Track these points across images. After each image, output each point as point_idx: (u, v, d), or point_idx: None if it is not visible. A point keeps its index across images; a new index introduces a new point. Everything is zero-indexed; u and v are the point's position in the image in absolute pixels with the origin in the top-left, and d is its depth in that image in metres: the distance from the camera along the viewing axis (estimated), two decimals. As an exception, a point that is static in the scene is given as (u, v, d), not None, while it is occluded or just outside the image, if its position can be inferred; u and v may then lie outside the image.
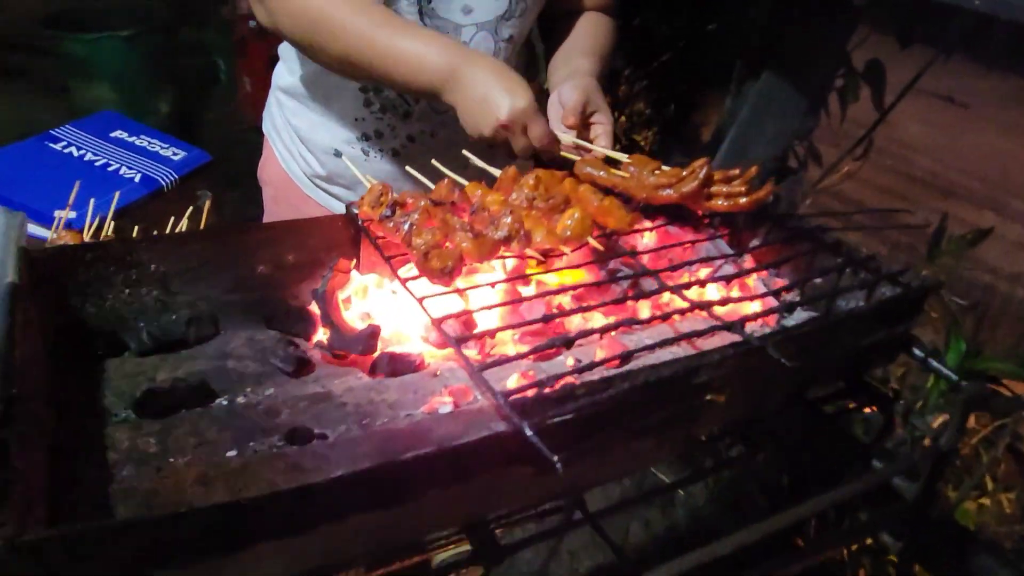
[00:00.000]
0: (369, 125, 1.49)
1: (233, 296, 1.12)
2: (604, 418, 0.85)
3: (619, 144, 1.41)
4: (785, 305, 1.09)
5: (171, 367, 1.03)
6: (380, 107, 1.46)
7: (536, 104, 1.21)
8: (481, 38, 1.41)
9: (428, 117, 1.48)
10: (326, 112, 1.51)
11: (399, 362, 1.08)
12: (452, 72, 1.20)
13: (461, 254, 1.04)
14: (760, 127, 2.70)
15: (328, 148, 1.55)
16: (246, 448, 0.92)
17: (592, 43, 1.51)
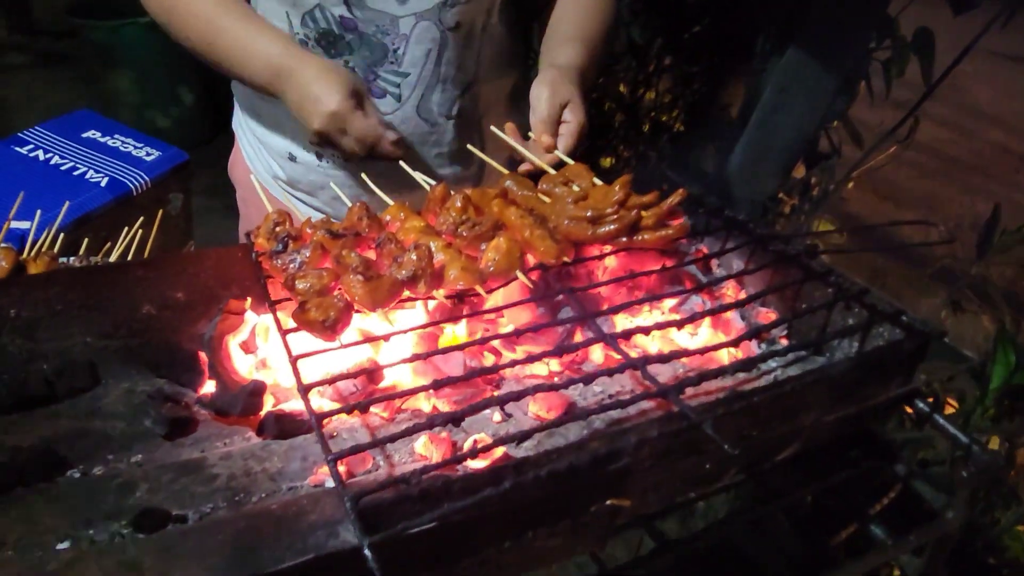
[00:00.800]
0: None
1: (112, 342, 0.99)
2: (477, 526, 0.69)
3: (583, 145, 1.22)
4: (759, 356, 0.90)
5: (26, 429, 0.91)
6: None
7: (351, 103, 1.14)
8: (423, 29, 1.24)
9: None
10: (277, 115, 1.37)
11: (288, 422, 0.93)
12: (277, 72, 1.16)
13: (348, 303, 0.88)
14: (786, 107, 2.43)
15: (283, 151, 1.42)
16: (83, 537, 0.79)
17: (575, 27, 1.33)
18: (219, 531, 0.81)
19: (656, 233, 0.98)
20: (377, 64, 1.27)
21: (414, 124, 1.32)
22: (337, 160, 1.38)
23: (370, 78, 1.28)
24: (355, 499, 0.67)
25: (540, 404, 0.98)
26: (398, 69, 1.27)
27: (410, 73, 1.27)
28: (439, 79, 1.30)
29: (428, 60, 1.26)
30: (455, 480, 0.70)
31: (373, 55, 1.25)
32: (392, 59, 1.26)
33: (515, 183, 1.09)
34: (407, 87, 1.29)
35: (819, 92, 2.38)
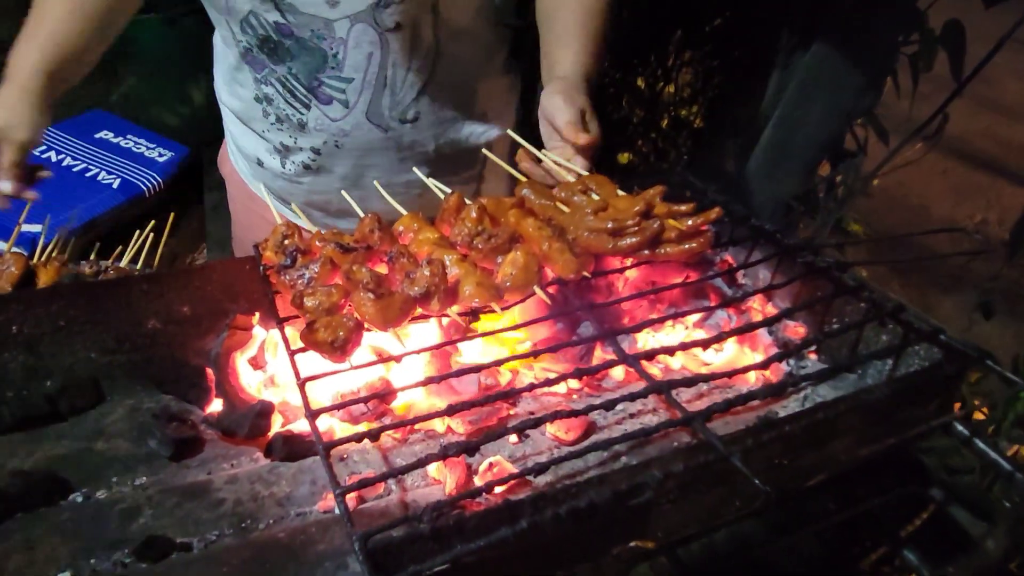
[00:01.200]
0: (274, 136, 1.31)
1: (117, 357, 0.97)
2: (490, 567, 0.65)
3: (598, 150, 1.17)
4: (788, 381, 0.85)
5: (28, 450, 0.88)
6: (275, 118, 1.28)
7: None
8: (360, 31, 1.17)
9: (325, 127, 1.27)
10: (244, 120, 1.34)
11: (297, 444, 0.90)
12: None
13: (358, 322, 0.85)
14: (809, 105, 2.36)
15: (252, 156, 1.40)
16: (84, 567, 0.76)
17: (575, 25, 1.24)
18: (224, 562, 0.78)
19: (679, 246, 0.94)
20: (319, 70, 1.21)
21: (366, 130, 1.27)
22: (299, 167, 1.34)
23: (314, 84, 1.23)
24: (364, 539, 0.63)
25: (559, 426, 0.94)
26: (340, 74, 1.21)
27: (354, 78, 1.21)
28: (386, 83, 1.23)
29: (371, 64, 1.19)
30: (468, 518, 0.66)
31: (314, 60, 1.20)
32: (333, 64, 1.20)
33: (533, 192, 1.05)
34: (352, 92, 1.22)
35: (844, 88, 2.31)
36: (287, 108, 1.26)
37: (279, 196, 1.40)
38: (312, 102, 1.24)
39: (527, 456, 0.93)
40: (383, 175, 1.29)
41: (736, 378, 1.03)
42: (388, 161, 1.30)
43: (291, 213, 1.42)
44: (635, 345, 1.06)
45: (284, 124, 1.28)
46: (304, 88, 1.23)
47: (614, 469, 0.78)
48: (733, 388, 1.04)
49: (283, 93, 1.25)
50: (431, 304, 0.89)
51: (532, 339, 1.02)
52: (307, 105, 1.24)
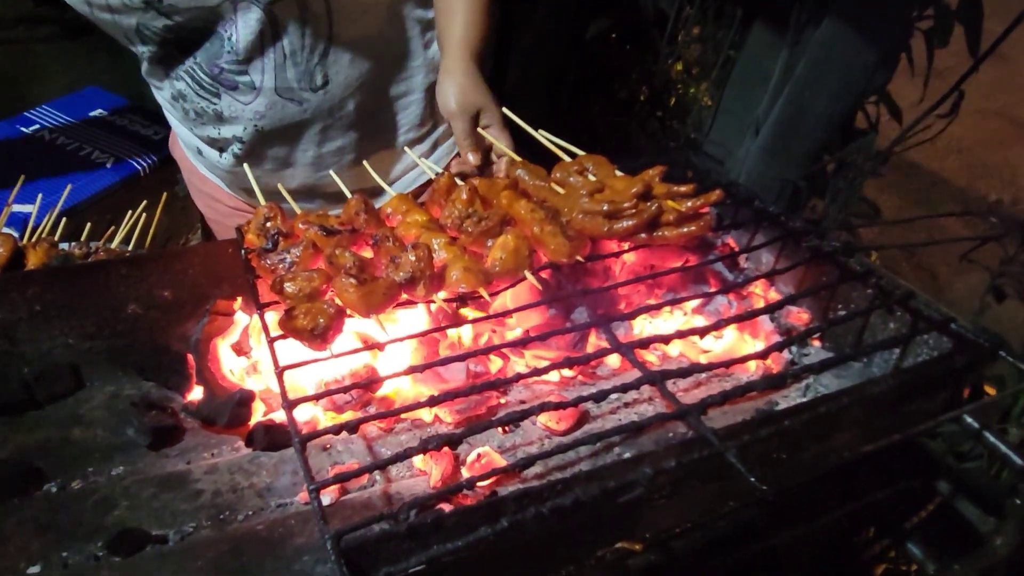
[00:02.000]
0: (201, 131, 1.28)
1: (96, 343, 0.94)
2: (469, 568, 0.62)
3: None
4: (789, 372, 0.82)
5: (1, 439, 0.86)
6: (194, 113, 1.24)
7: None
8: (244, 9, 1.11)
9: (239, 112, 1.22)
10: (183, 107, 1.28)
11: (278, 434, 0.87)
12: None
13: (340, 309, 0.81)
14: (820, 83, 2.29)
15: (192, 145, 1.36)
16: (55, 560, 0.74)
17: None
18: (200, 555, 0.76)
19: (678, 230, 0.90)
20: (218, 56, 1.16)
21: (281, 107, 1.21)
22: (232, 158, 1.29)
23: (215, 71, 1.18)
24: (337, 538, 0.60)
25: (550, 415, 0.91)
26: (238, 57, 1.16)
27: (253, 58, 1.16)
28: (285, 56, 1.18)
29: (264, 40, 1.14)
30: (448, 516, 0.63)
31: (212, 47, 1.15)
32: (229, 48, 1.15)
33: (527, 172, 1.01)
34: (255, 72, 1.17)
35: (856, 66, 2.23)
36: (200, 101, 1.22)
37: (224, 181, 1.38)
38: (220, 90, 1.20)
39: (517, 446, 0.90)
40: (311, 148, 1.25)
41: (736, 367, 0.99)
42: (312, 134, 1.25)
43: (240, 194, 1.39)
44: (631, 332, 1.03)
45: (204, 117, 1.24)
46: (209, 77, 1.19)
47: (605, 463, 0.75)
48: (732, 377, 1.01)
49: (193, 86, 1.22)
50: (417, 290, 0.85)
51: (524, 325, 0.99)
52: (216, 94, 1.20)
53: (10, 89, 4.90)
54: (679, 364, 1.01)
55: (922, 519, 1.04)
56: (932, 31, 2.50)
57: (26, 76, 4.96)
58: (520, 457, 0.71)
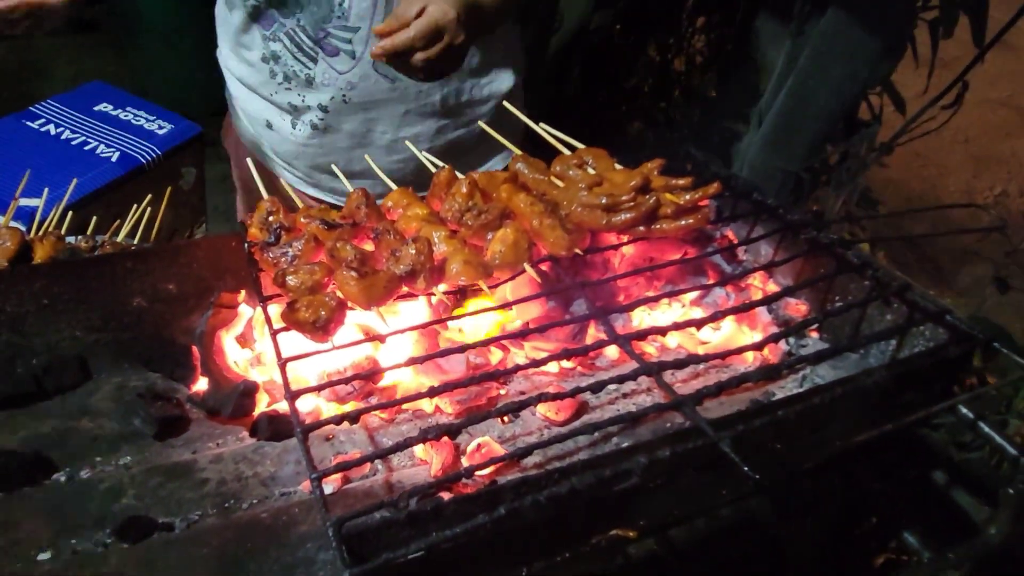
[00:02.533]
0: (282, 98, 1.29)
1: (102, 335, 0.96)
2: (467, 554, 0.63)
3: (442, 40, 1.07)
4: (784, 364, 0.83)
5: (11, 429, 0.88)
6: (283, 76, 1.25)
7: None
8: None
9: (332, 80, 1.24)
10: (252, 81, 1.32)
11: (282, 424, 0.89)
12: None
13: (341, 302, 0.82)
14: (823, 74, 2.28)
15: (260, 119, 1.37)
16: (65, 547, 0.76)
17: None
18: (205, 542, 0.77)
19: (675, 223, 0.90)
20: (326, 20, 1.19)
21: (374, 80, 1.24)
22: (307, 127, 1.30)
23: (321, 35, 1.20)
24: (338, 524, 0.62)
25: (549, 406, 0.92)
26: (347, 24, 1.18)
27: (359, 27, 1.19)
28: None
29: (376, 11, 1.17)
30: (447, 504, 0.64)
31: (321, 10, 1.18)
32: (339, 14, 1.17)
33: (526, 165, 1.02)
34: (359, 42, 1.20)
35: (859, 56, 2.23)
36: (295, 64, 1.23)
37: (286, 161, 1.38)
38: (319, 55, 1.22)
39: (517, 436, 0.91)
40: (389, 130, 1.27)
41: (734, 358, 1.00)
42: (394, 115, 1.27)
43: (297, 180, 1.40)
44: (630, 324, 1.04)
45: (292, 82, 1.25)
46: (311, 40, 1.21)
47: (602, 452, 0.76)
48: (730, 368, 1.02)
49: (290, 48, 1.23)
50: (417, 282, 0.87)
51: (524, 318, 1.00)
52: (314, 59, 1.22)
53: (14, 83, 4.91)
54: (677, 356, 1.02)
55: (920, 509, 1.06)
56: (936, 21, 2.49)
57: (30, 70, 4.98)
58: (520, 447, 0.72)
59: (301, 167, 1.36)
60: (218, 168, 2.26)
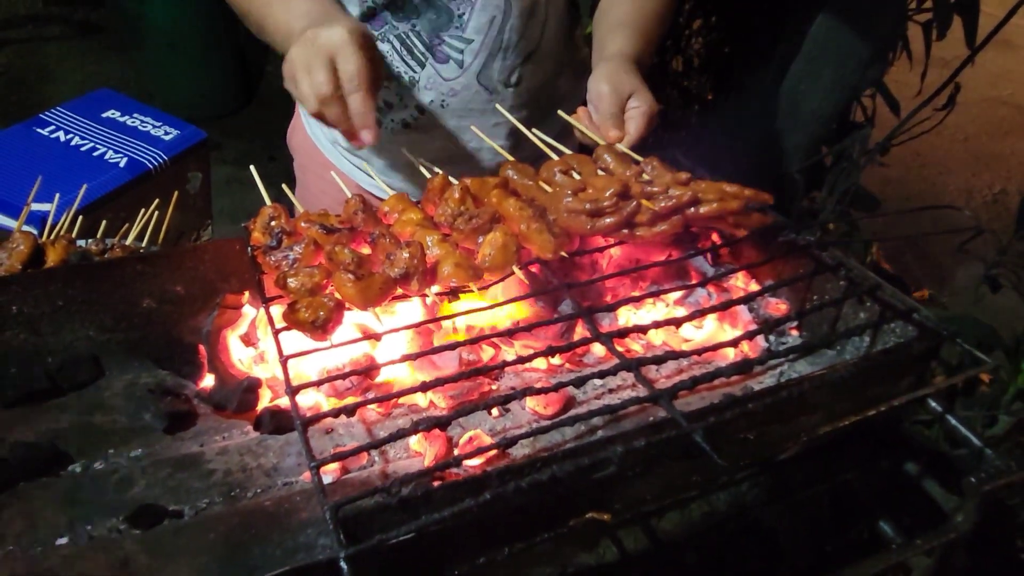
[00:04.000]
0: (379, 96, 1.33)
1: (114, 335, 1.01)
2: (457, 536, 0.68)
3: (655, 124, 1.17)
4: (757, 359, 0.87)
5: (30, 423, 0.93)
6: (385, 75, 1.29)
7: (360, 40, 0.99)
8: None
9: (435, 85, 1.31)
10: None
11: (284, 418, 0.94)
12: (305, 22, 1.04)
13: (339, 303, 0.87)
14: (815, 76, 2.33)
15: None
16: (81, 533, 0.81)
17: (628, 13, 1.27)
18: (212, 528, 0.82)
19: (652, 229, 0.95)
20: (442, 29, 1.25)
21: (475, 91, 1.31)
22: (398, 126, 1.36)
23: (435, 42, 1.26)
24: (335, 509, 0.67)
25: (538, 400, 0.97)
26: (463, 35, 1.25)
27: (474, 39, 1.26)
28: (501, 47, 1.28)
29: (492, 27, 1.24)
30: (436, 489, 0.69)
31: (439, 19, 1.24)
32: (457, 24, 1.24)
33: (516, 172, 1.07)
34: (470, 53, 1.27)
35: (852, 59, 2.27)
36: (400, 65, 1.29)
37: (364, 157, 1.42)
38: (428, 60, 1.27)
39: (507, 430, 0.96)
40: (473, 139, 1.33)
41: (717, 356, 1.05)
42: (484, 125, 1.32)
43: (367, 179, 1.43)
44: (616, 323, 1.08)
45: (391, 82, 1.30)
46: (423, 46, 1.27)
47: (588, 442, 0.81)
48: (712, 365, 1.06)
49: (399, 50, 1.28)
50: (411, 284, 0.91)
51: (514, 317, 1.05)
52: (422, 63, 1.28)
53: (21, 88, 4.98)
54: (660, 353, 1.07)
55: (894, 500, 1.10)
56: (930, 23, 2.53)
57: (36, 75, 5.04)
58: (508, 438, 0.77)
59: (379, 164, 1.41)
60: (223, 172, 2.32)
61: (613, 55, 1.20)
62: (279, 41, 1.10)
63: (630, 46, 1.22)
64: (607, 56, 1.21)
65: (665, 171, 1.05)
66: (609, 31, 1.26)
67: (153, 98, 4.28)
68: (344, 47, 0.97)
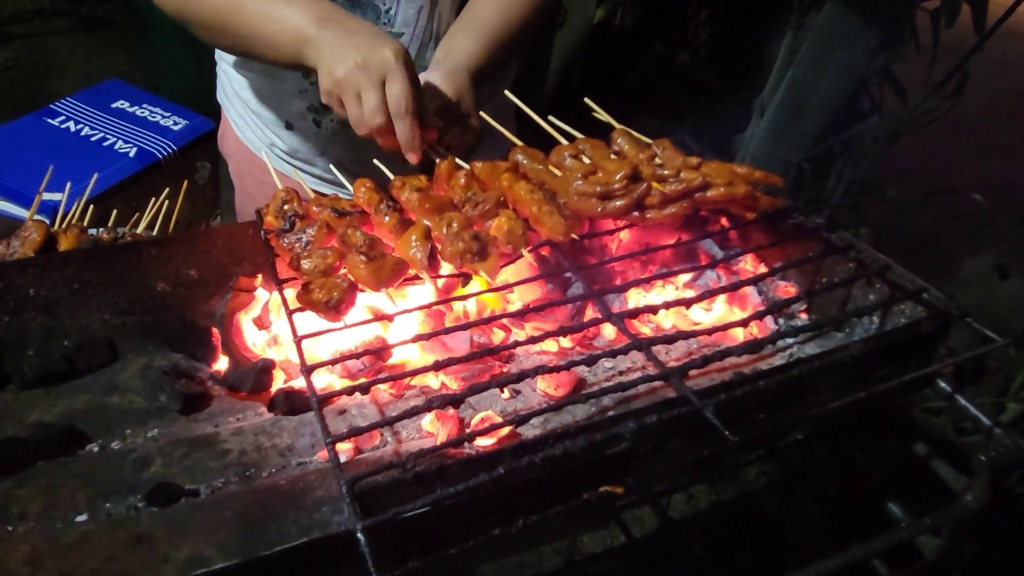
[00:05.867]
0: (314, 96, 1.33)
1: (129, 318, 1.02)
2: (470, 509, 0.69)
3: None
4: (767, 338, 0.88)
5: (48, 404, 0.94)
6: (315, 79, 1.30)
7: (407, 62, 1.01)
8: None
9: None
10: (271, 84, 1.36)
11: (297, 399, 0.95)
12: (319, 25, 1.03)
13: (352, 283, 0.88)
14: (822, 66, 2.32)
15: (279, 121, 1.41)
16: (99, 510, 0.82)
17: (483, 20, 1.22)
18: (229, 506, 0.83)
19: (662, 212, 0.96)
20: None
21: None
22: (339, 125, 1.35)
23: None
24: (351, 483, 0.68)
25: (548, 381, 0.98)
26: (392, 30, 1.23)
27: (404, 33, 1.24)
28: (432, 35, 1.26)
29: (421, 17, 1.23)
30: (450, 465, 0.70)
31: (365, 16, 1.22)
32: (385, 20, 1.23)
33: (526, 156, 1.07)
34: None
35: (858, 48, 2.27)
36: None
37: (305, 160, 1.42)
38: None
39: (518, 411, 0.97)
40: None
41: (725, 337, 1.05)
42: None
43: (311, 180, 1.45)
44: (626, 305, 1.09)
45: None
46: None
47: (601, 419, 0.81)
48: (723, 346, 1.07)
49: None
50: (421, 267, 0.92)
51: (524, 300, 1.05)
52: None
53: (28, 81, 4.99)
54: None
55: (902, 481, 1.11)
56: (938, 11, 2.52)
57: (43, 69, 5.06)
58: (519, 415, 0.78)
59: (322, 164, 1.41)
60: (226, 165, 2.33)
61: (455, 65, 1.16)
62: (284, 48, 1.08)
63: (474, 59, 1.17)
64: (450, 63, 1.16)
65: (676, 154, 1.05)
66: (461, 32, 1.22)
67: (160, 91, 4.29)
68: (395, 71, 0.99)
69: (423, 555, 0.63)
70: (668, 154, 1.07)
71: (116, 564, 0.74)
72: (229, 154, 1.59)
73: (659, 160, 1.07)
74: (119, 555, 0.76)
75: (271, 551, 0.68)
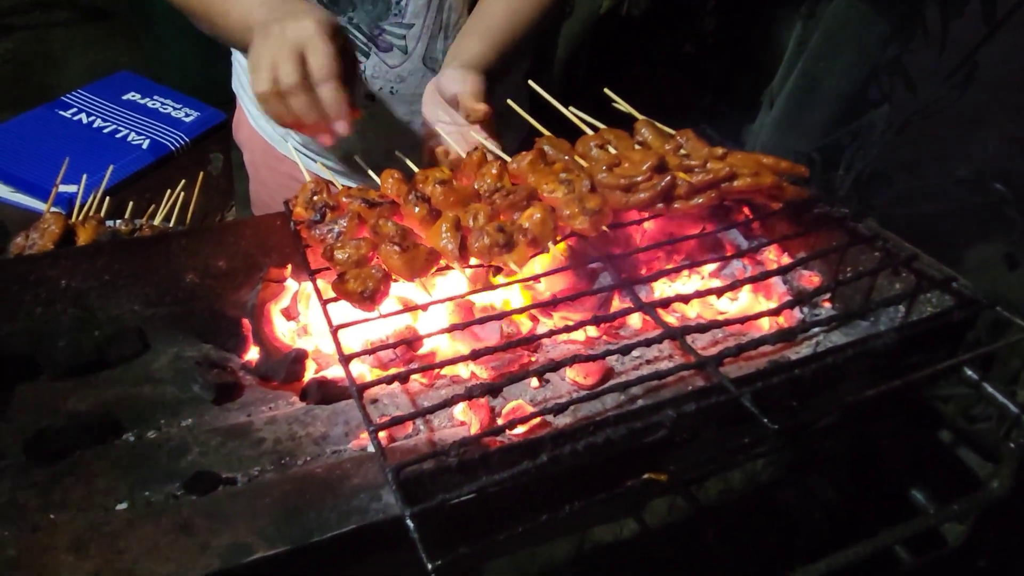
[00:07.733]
0: None
1: (159, 309, 1.02)
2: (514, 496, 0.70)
3: None
4: (799, 327, 0.88)
5: (82, 395, 0.95)
6: None
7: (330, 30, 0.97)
8: None
9: (382, 74, 1.30)
10: None
11: (330, 389, 0.95)
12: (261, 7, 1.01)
13: (386, 273, 0.89)
14: (834, 54, 2.32)
15: None
16: (139, 498, 0.83)
17: (495, 22, 1.22)
18: (267, 494, 0.84)
19: (688, 203, 0.96)
20: (381, 18, 1.24)
21: (422, 75, 1.30)
22: None
23: (376, 32, 1.26)
24: (396, 471, 0.68)
25: (578, 370, 0.98)
26: (402, 21, 1.24)
27: (414, 24, 1.25)
28: (442, 27, 1.27)
29: (431, 8, 1.23)
30: (493, 452, 0.71)
31: (376, 8, 1.23)
32: (396, 12, 1.23)
33: (552, 147, 1.07)
34: (412, 38, 1.26)
35: (869, 38, 2.26)
36: None
37: (316, 152, 1.42)
38: (372, 50, 1.27)
39: (548, 400, 0.98)
40: (415, 121, 1.33)
41: (750, 326, 1.06)
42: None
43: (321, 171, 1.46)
44: (652, 295, 1.10)
45: None
46: (365, 37, 1.26)
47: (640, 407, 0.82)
48: (748, 335, 1.08)
49: None
50: (451, 258, 0.93)
51: (552, 290, 1.06)
52: (366, 54, 1.27)
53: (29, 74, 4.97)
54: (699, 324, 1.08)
55: (926, 468, 1.12)
56: (947, 1, 2.51)
57: (43, 61, 5.03)
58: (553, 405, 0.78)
59: (335, 156, 1.42)
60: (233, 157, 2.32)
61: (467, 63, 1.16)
62: (237, 37, 1.06)
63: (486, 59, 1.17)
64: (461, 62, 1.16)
65: (701, 145, 1.05)
66: (472, 34, 1.22)
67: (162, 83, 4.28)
68: (313, 39, 0.94)
69: (467, 542, 0.64)
70: (692, 144, 1.08)
71: (160, 551, 0.75)
72: (243, 143, 1.59)
73: (684, 151, 1.07)
74: (162, 542, 0.77)
75: (323, 536, 0.68)
